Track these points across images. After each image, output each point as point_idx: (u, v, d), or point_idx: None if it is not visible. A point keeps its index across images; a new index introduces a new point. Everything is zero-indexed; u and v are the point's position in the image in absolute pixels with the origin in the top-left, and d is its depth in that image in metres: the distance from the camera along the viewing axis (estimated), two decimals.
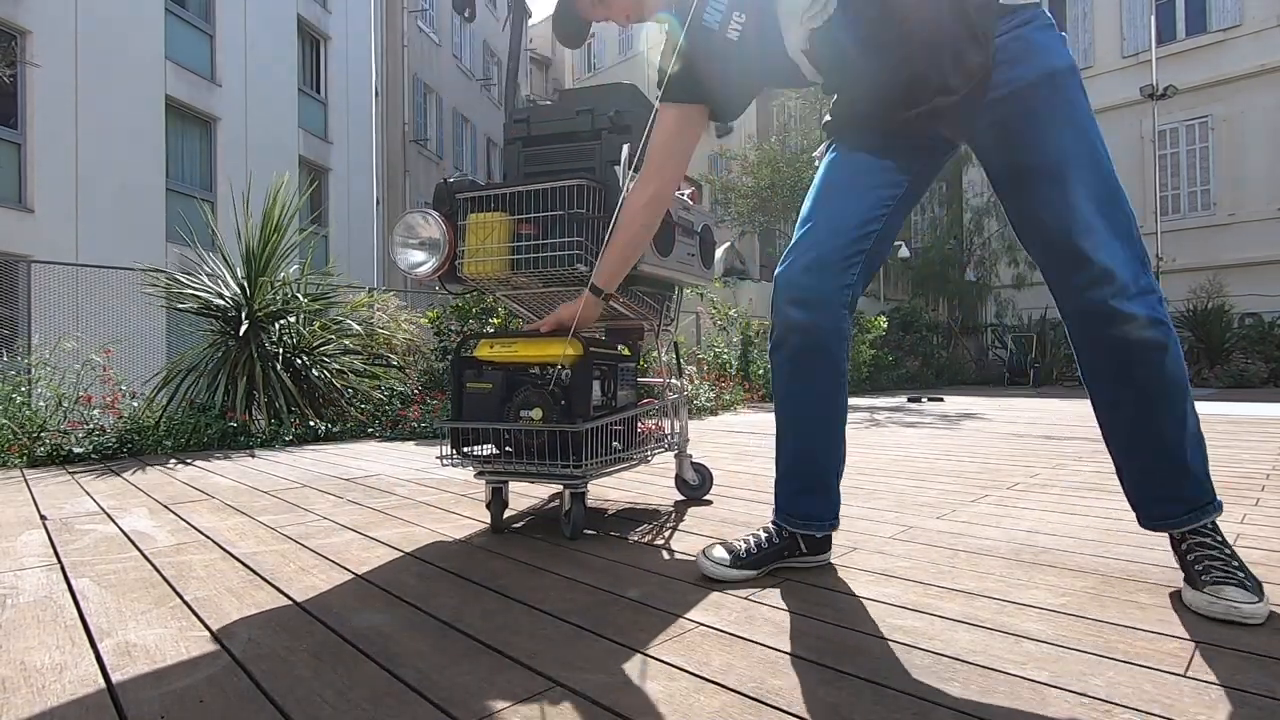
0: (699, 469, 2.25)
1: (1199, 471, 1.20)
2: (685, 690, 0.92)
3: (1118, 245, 1.16)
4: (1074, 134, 1.17)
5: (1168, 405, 1.18)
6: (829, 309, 1.32)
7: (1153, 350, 1.17)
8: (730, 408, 6.84)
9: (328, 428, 4.27)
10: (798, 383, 1.38)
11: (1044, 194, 1.19)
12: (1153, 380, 1.18)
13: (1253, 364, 11.94)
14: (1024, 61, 1.17)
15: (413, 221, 1.87)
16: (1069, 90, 1.18)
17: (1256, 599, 1.11)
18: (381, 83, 18.43)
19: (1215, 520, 1.22)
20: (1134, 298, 1.16)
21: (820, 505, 1.41)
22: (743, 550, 1.40)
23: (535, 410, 1.69)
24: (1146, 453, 1.22)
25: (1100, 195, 1.17)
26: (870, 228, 1.33)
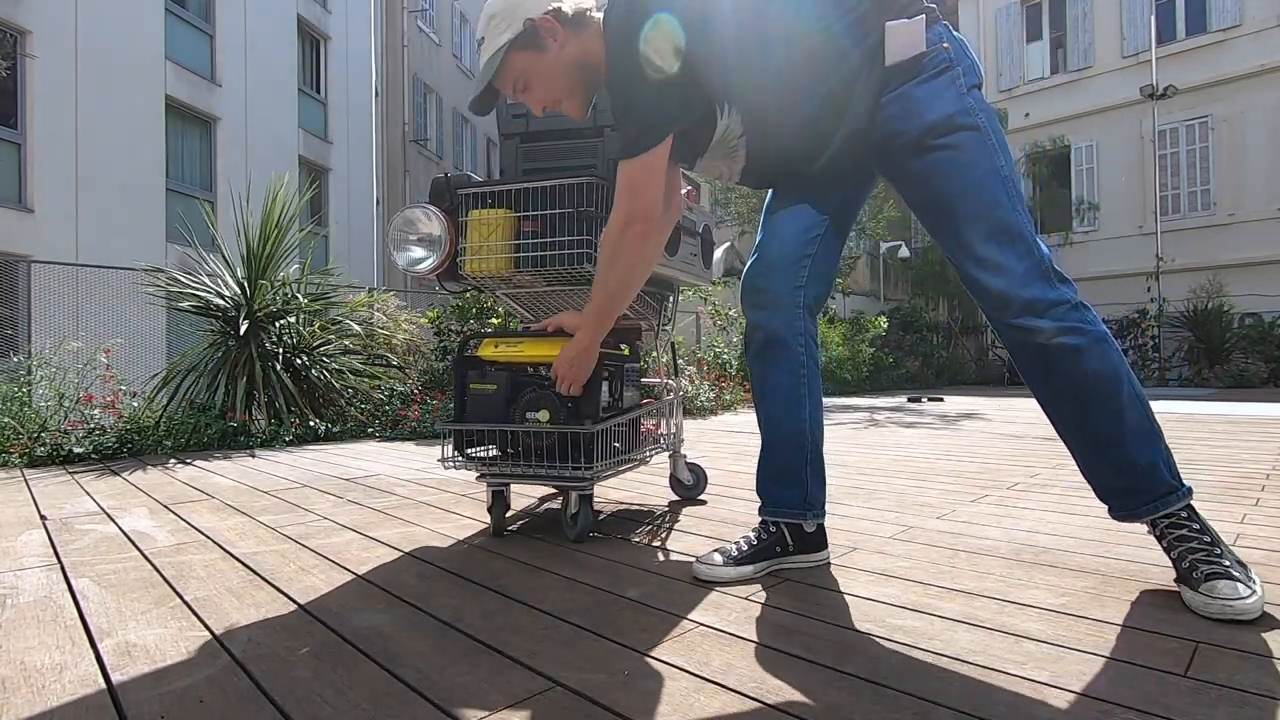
0: (694, 469, 2.25)
1: (1148, 463, 1.22)
2: (685, 690, 0.92)
3: (1014, 270, 1.21)
4: (956, 177, 1.23)
5: (1097, 404, 1.22)
6: (782, 308, 1.44)
7: (1067, 356, 1.21)
8: (730, 408, 6.84)
9: (328, 428, 4.27)
10: (761, 378, 1.48)
11: (938, 228, 1.29)
12: (1075, 382, 1.22)
13: (1253, 364, 11.93)
14: (905, 118, 1.25)
15: (413, 217, 1.85)
16: (947, 139, 1.23)
17: (1249, 591, 1.12)
18: (381, 83, 18.43)
19: (1189, 506, 1.23)
20: (1040, 314, 1.21)
21: (789, 494, 1.46)
22: (734, 551, 1.42)
23: (543, 412, 1.67)
24: (1089, 448, 1.27)
25: (991, 233, 1.22)
26: (813, 232, 1.45)
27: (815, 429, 1.47)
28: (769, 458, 1.49)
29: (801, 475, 1.46)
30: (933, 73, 1.24)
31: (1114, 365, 1.21)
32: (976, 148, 1.23)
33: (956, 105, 1.24)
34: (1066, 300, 1.22)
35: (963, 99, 1.24)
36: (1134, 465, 1.23)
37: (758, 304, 1.46)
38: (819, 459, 1.48)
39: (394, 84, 18.89)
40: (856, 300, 15.45)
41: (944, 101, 1.24)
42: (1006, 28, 16.15)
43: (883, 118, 1.27)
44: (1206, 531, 1.21)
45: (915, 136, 1.24)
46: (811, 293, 1.45)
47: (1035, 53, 15.98)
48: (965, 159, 1.23)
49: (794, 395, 1.45)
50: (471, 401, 1.75)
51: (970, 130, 1.23)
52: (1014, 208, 1.23)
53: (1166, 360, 13.35)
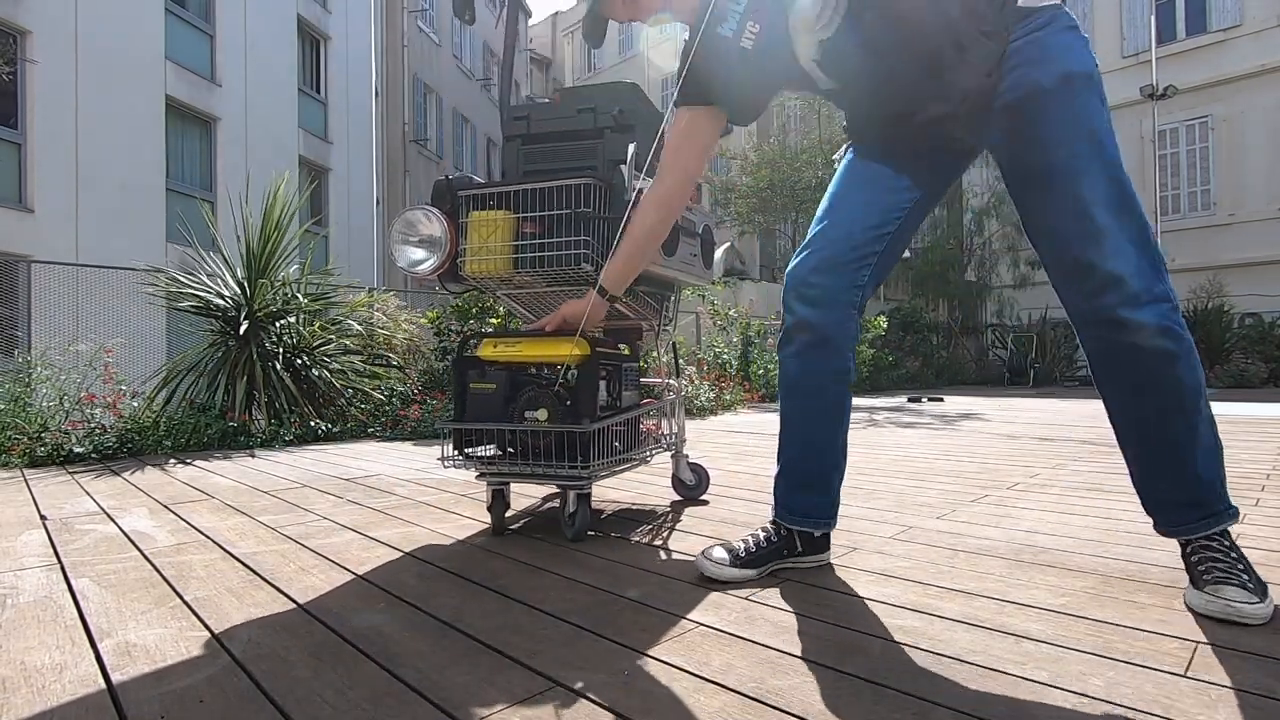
0: (696, 469, 2.25)
1: (1211, 480, 1.19)
2: (685, 690, 0.92)
3: (1130, 251, 1.14)
4: (1087, 138, 1.16)
5: (1177, 414, 1.17)
6: (837, 308, 1.35)
7: (1162, 359, 1.14)
8: (730, 408, 6.84)
9: (328, 428, 4.27)
10: (802, 379, 1.39)
11: (1055, 197, 1.18)
12: (1162, 389, 1.16)
13: (1253, 364, 11.92)
14: (1039, 65, 1.16)
15: (413, 218, 1.85)
16: (1083, 94, 1.16)
17: (1256, 599, 1.10)
18: (381, 83, 18.43)
19: (1227, 527, 1.21)
20: (1144, 306, 1.13)
21: (817, 503, 1.42)
22: (742, 550, 1.40)
23: (541, 411, 1.68)
24: (1155, 460, 1.21)
25: (1112, 200, 1.15)
26: (885, 229, 1.35)
27: (846, 435, 1.43)
28: (799, 465, 1.42)
29: (831, 482, 1.42)
30: (1066, 25, 1.18)
31: (1200, 377, 1.16)
32: (1103, 113, 1.17)
33: (1091, 64, 1.18)
34: (1170, 299, 1.15)
35: (1094, 61, 1.18)
36: (1198, 480, 1.18)
37: (809, 299, 1.35)
38: (845, 464, 1.45)
39: (394, 84, 18.89)
40: None
41: (1081, 56, 1.17)
42: None
43: (1013, 63, 1.17)
44: (1235, 549, 1.19)
45: (1054, 82, 1.15)
46: (867, 293, 1.37)
47: None
48: (1096, 121, 1.16)
49: (838, 402, 1.39)
50: (471, 401, 1.75)
51: (1100, 96, 1.17)
52: (1132, 191, 1.16)
53: None
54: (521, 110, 1.95)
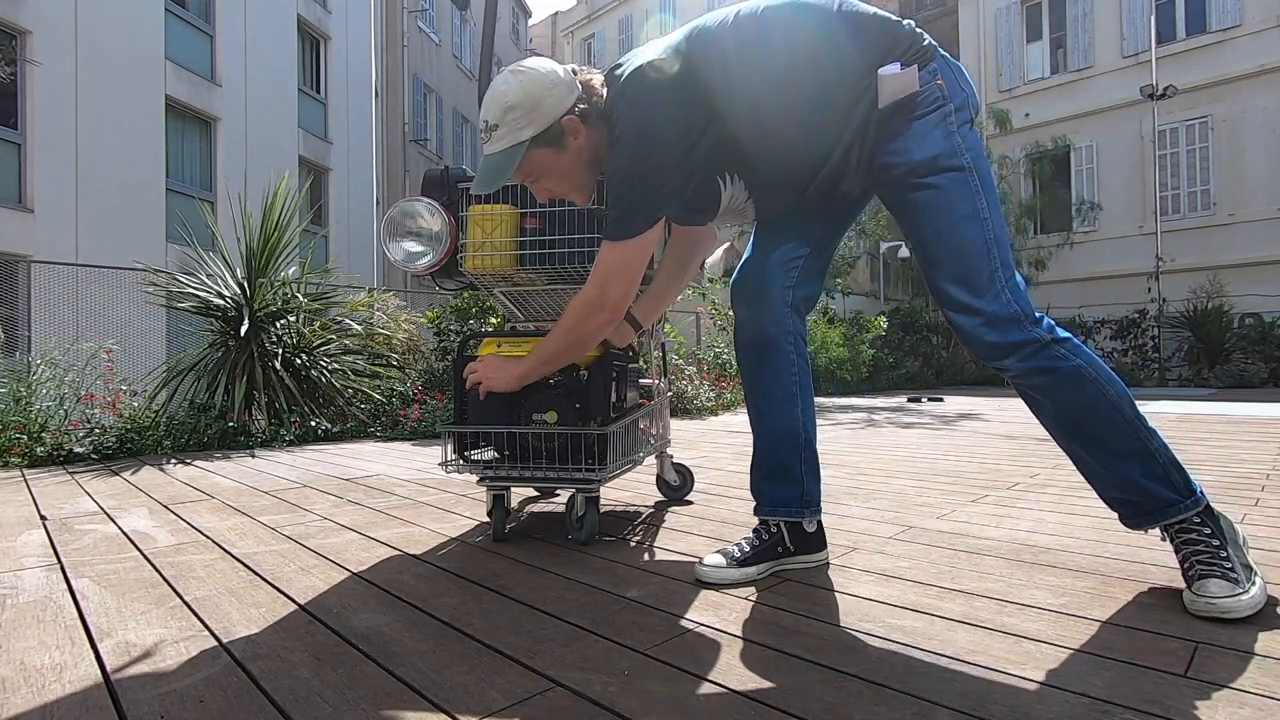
0: (681, 470, 2.23)
1: (1146, 481, 1.23)
2: (685, 690, 0.92)
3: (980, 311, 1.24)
4: (933, 218, 1.26)
5: (1077, 431, 1.27)
6: (771, 308, 1.45)
7: (1037, 393, 1.26)
8: (730, 408, 6.84)
9: (328, 428, 4.27)
10: (752, 377, 1.49)
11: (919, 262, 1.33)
12: (1058, 415, 1.27)
13: (1253, 364, 11.92)
14: (895, 154, 1.28)
15: (412, 210, 1.77)
16: (931, 179, 1.25)
17: (1239, 590, 1.12)
18: (381, 83, 18.43)
19: (1206, 511, 1.23)
20: (1004, 356, 1.24)
21: (786, 492, 1.46)
22: (737, 552, 1.41)
23: (550, 413, 1.65)
24: (1083, 467, 1.31)
25: (958, 272, 1.25)
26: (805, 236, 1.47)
27: (809, 426, 1.47)
28: (763, 457, 1.49)
29: (797, 473, 1.46)
30: (925, 110, 1.26)
31: (1088, 397, 1.23)
32: (958, 189, 1.26)
33: (944, 146, 1.26)
34: (1034, 340, 1.23)
35: (951, 138, 1.26)
36: (1127, 483, 1.25)
37: (746, 301, 1.48)
38: (813, 456, 1.48)
39: (394, 84, 18.89)
40: (856, 300, 15.43)
41: (932, 141, 1.26)
42: (1006, 28, 16.15)
43: (881, 150, 1.29)
44: (1217, 535, 1.21)
45: (902, 173, 1.27)
46: (801, 293, 1.46)
47: (1035, 53, 15.98)
48: (945, 200, 1.26)
49: (787, 393, 1.46)
50: (473, 403, 1.70)
51: (954, 171, 1.26)
52: (987, 252, 1.25)
53: (1166, 360, 13.33)
54: None
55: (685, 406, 6.21)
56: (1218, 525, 1.23)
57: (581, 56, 26.93)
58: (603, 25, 25.25)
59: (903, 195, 1.30)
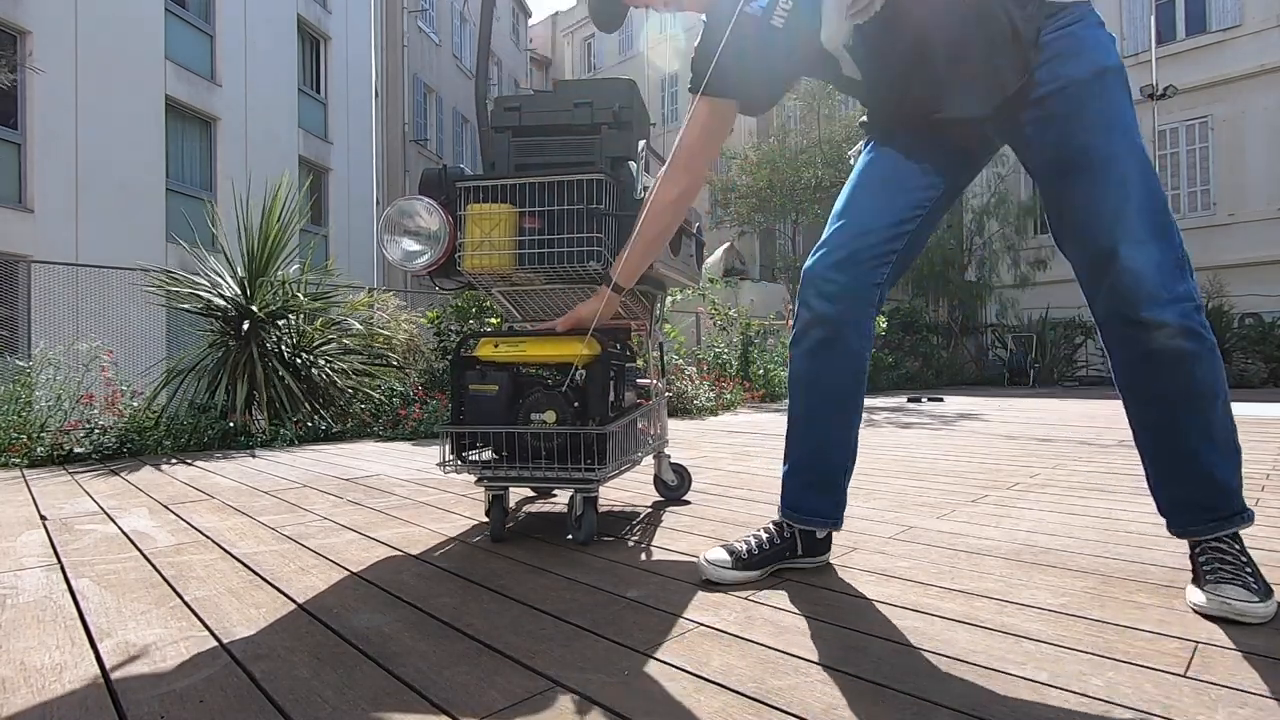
0: (678, 470, 2.23)
1: (1227, 483, 1.18)
2: (685, 690, 0.92)
3: (1154, 249, 1.13)
4: (1120, 133, 1.15)
5: (1194, 415, 1.16)
6: (855, 306, 1.34)
7: (1181, 359, 1.13)
8: (730, 408, 6.84)
9: (328, 428, 4.27)
10: (816, 376, 1.38)
11: (1085, 191, 1.17)
12: (1180, 390, 1.16)
13: (1253, 364, 11.92)
14: (1074, 58, 1.15)
15: (410, 209, 1.74)
16: (1116, 90, 1.16)
17: (1257, 599, 1.10)
18: (381, 83, 18.43)
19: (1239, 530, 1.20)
20: (1165, 305, 1.12)
21: (825, 503, 1.41)
22: (744, 551, 1.39)
23: (549, 413, 1.64)
24: (1170, 461, 1.21)
25: (1142, 197, 1.14)
26: (904, 227, 1.34)
27: (858, 437, 1.43)
28: (810, 464, 1.40)
29: (841, 483, 1.41)
30: (1096, 21, 1.18)
31: (1218, 376, 1.15)
32: (1132, 109, 1.18)
33: (1120, 61, 1.18)
34: (1193, 298, 1.14)
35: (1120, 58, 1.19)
36: (1212, 482, 1.17)
37: (827, 295, 1.33)
38: (854, 465, 1.44)
39: (394, 84, 18.89)
40: None
41: (1112, 51, 1.18)
42: None
43: (1046, 56, 1.16)
44: (1245, 552, 1.18)
45: (1087, 76, 1.15)
46: (885, 291, 1.36)
47: None
48: (1127, 117, 1.16)
49: (852, 401, 1.38)
50: (471, 403, 1.70)
51: (1129, 92, 1.18)
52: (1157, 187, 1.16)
53: None
54: (513, 101, 1.88)
55: (685, 407, 6.21)
56: (1244, 545, 1.20)
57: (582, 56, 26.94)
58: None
59: (1084, 100, 1.14)
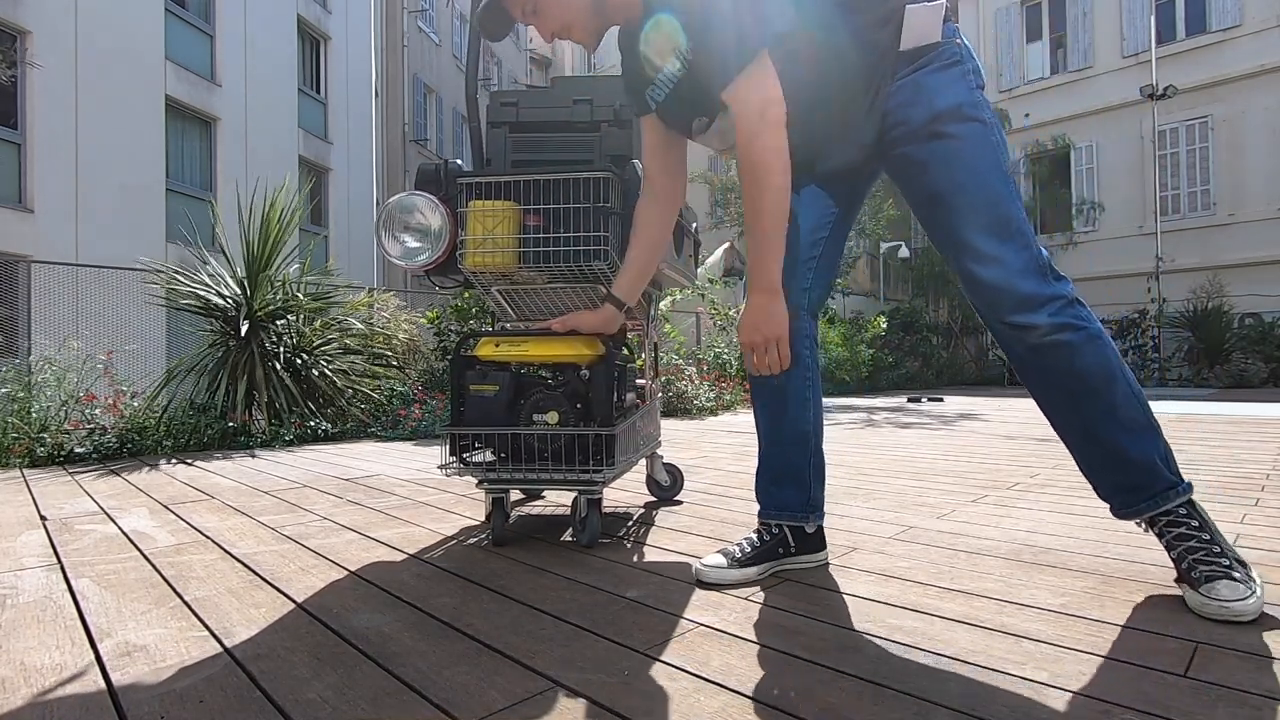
0: (671, 470, 2.23)
1: (1145, 460, 1.22)
2: (685, 690, 0.92)
3: (1007, 262, 1.21)
4: (959, 167, 1.23)
5: (1090, 400, 1.23)
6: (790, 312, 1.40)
7: (1062, 353, 1.21)
8: (730, 408, 6.84)
9: (328, 428, 4.27)
10: (764, 382, 1.46)
11: (937, 221, 1.27)
12: (1072, 380, 1.23)
13: (1253, 364, 11.92)
14: (913, 106, 1.25)
15: (410, 205, 1.71)
16: (953, 127, 1.23)
17: (1248, 592, 1.12)
18: (381, 83, 18.43)
19: (1189, 503, 1.23)
20: (1035, 309, 1.20)
21: (791, 496, 1.46)
22: (738, 553, 1.41)
23: (552, 414, 1.63)
24: (1084, 445, 1.27)
25: (987, 221, 1.22)
26: (819, 233, 1.45)
27: (818, 431, 1.48)
28: (771, 461, 1.48)
29: (805, 477, 1.46)
30: (944, 63, 1.25)
31: (1107, 360, 1.21)
32: (981, 141, 1.24)
33: (966, 97, 1.24)
34: (1062, 296, 1.21)
35: (973, 92, 1.25)
36: (1129, 461, 1.23)
37: None
38: (821, 460, 1.48)
39: (394, 84, 18.89)
40: (856, 300, 15.43)
41: (954, 92, 1.24)
42: (1006, 28, 16.14)
43: (892, 105, 1.26)
44: (1205, 528, 1.21)
45: (923, 123, 1.24)
46: (815, 295, 1.45)
47: (1035, 53, 15.98)
48: (970, 151, 1.23)
49: (799, 398, 1.45)
50: (471, 404, 1.67)
51: (977, 123, 1.24)
52: (1014, 203, 1.24)
53: (1166, 360, 13.34)
54: (510, 96, 1.85)
55: (685, 407, 6.21)
56: (1202, 516, 1.23)
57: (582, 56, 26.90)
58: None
59: (920, 147, 1.25)
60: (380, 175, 17.99)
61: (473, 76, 1.87)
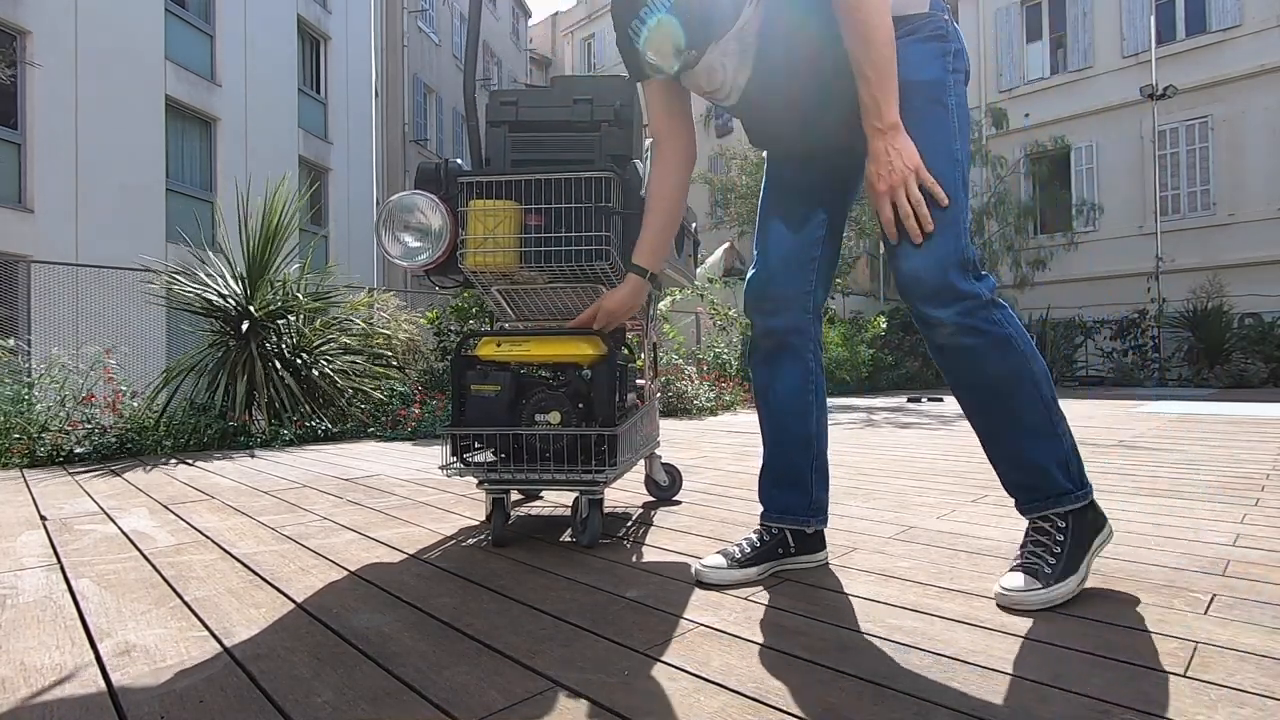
0: (669, 470, 2.23)
1: (1042, 465, 1.24)
2: (685, 690, 0.92)
3: (930, 253, 1.19)
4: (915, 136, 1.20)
5: (993, 402, 1.25)
6: (793, 313, 1.43)
7: (965, 354, 1.22)
8: (730, 408, 6.84)
9: (328, 428, 4.27)
10: (767, 384, 1.46)
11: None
12: (978, 380, 1.24)
13: (1253, 364, 11.91)
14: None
15: (411, 204, 1.70)
16: (915, 101, 1.20)
17: (1036, 585, 1.17)
18: (381, 83, 18.43)
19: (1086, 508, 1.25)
20: (944, 304, 1.19)
21: (793, 499, 1.45)
22: (737, 553, 1.41)
23: (554, 414, 1.63)
24: (988, 444, 1.30)
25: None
26: (817, 233, 1.43)
27: (821, 434, 1.46)
28: (774, 463, 1.48)
29: (806, 481, 1.45)
30: (926, 35, 1.23)
31: (1012, 367, 1.21)
32: (938, 124, 1.22)
33: (936, 75, 1.22)
34: (975, 296, 1.19)
35: (944, 74, 1.23)
36: (1028, 463, 1.25)
37: (767, 310, 1.44)
38: (824, 464, 1.47)
39: (394, 84, 18.89)
40: (856, 300, 15.44)
41: (927, 67, 1.22)
42: (1006, 28, 16.15)
43: None
44: (1070, 537, 1.23)
45: None
46: (819, 296, 1.44)
47: (1035, 53, 15.98)
48: (922, 128, 1.20)
49: (803, 401, 1.44)
50: (471, 404, 1.67)
51: (938, 105, 1.22)
52: (954, 195, 1.20)
53: (1166, 360, 13.34)
54: (509, 95, 1.84)
55: (685, 407, 6.21)
56: (1085, 526, 1.24)
57: (582, 56, 26.92)
58: (603, 25, 25.23)
59: None
60: (380, 175, 17.99)
61: (471, 76, 1.86)
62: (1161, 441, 3.74)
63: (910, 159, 1.18)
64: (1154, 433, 4.24)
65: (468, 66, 1.86)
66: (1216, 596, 1.24)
